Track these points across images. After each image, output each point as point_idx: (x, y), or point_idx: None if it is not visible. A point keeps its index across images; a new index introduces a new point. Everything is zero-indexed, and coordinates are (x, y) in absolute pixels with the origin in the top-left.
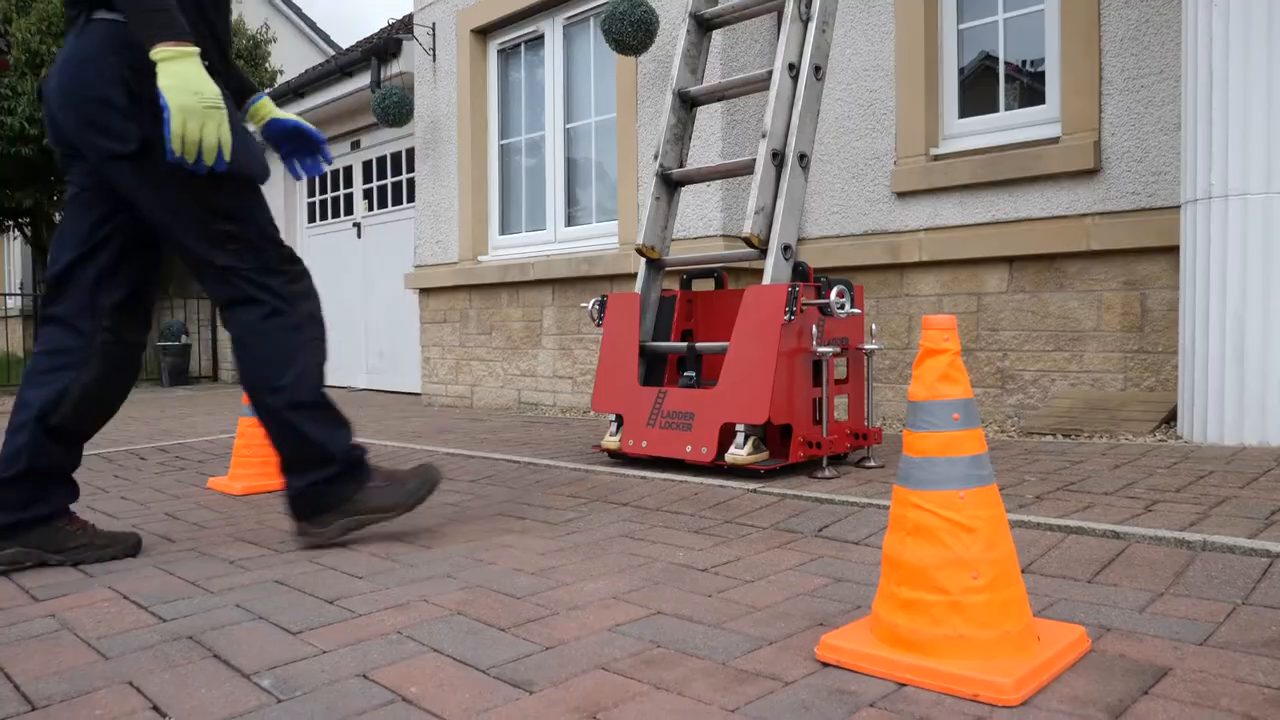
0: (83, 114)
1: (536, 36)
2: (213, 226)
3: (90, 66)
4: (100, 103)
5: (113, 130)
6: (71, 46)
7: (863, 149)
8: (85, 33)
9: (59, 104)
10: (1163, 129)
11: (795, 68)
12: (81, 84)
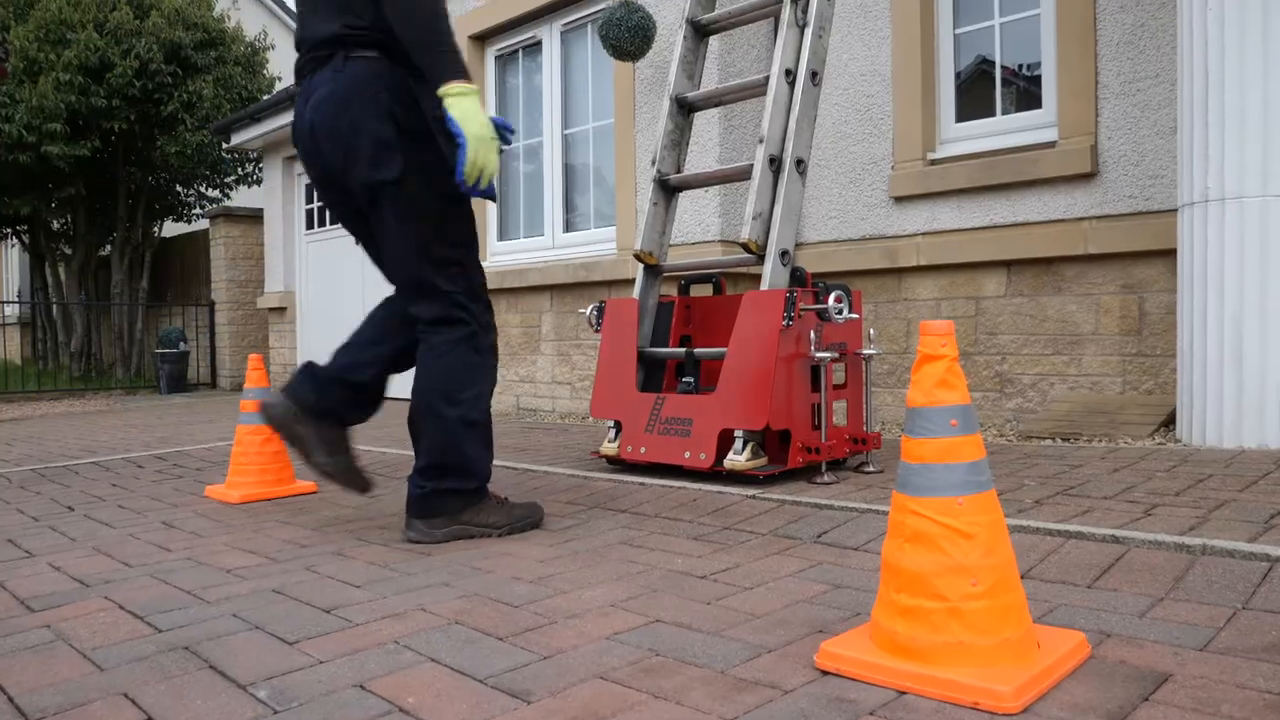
0: (351, 146)
1: (534, 42)
2: (442, 253)
3: (357, 103)
4: (367, 136)
5: (378, 160)
6: (332, 83)
7: (860, 154)
8: (346, 70)
9: (324, 137)
10: (1159, 132)
11: (792, 73)
12: (350, 119)
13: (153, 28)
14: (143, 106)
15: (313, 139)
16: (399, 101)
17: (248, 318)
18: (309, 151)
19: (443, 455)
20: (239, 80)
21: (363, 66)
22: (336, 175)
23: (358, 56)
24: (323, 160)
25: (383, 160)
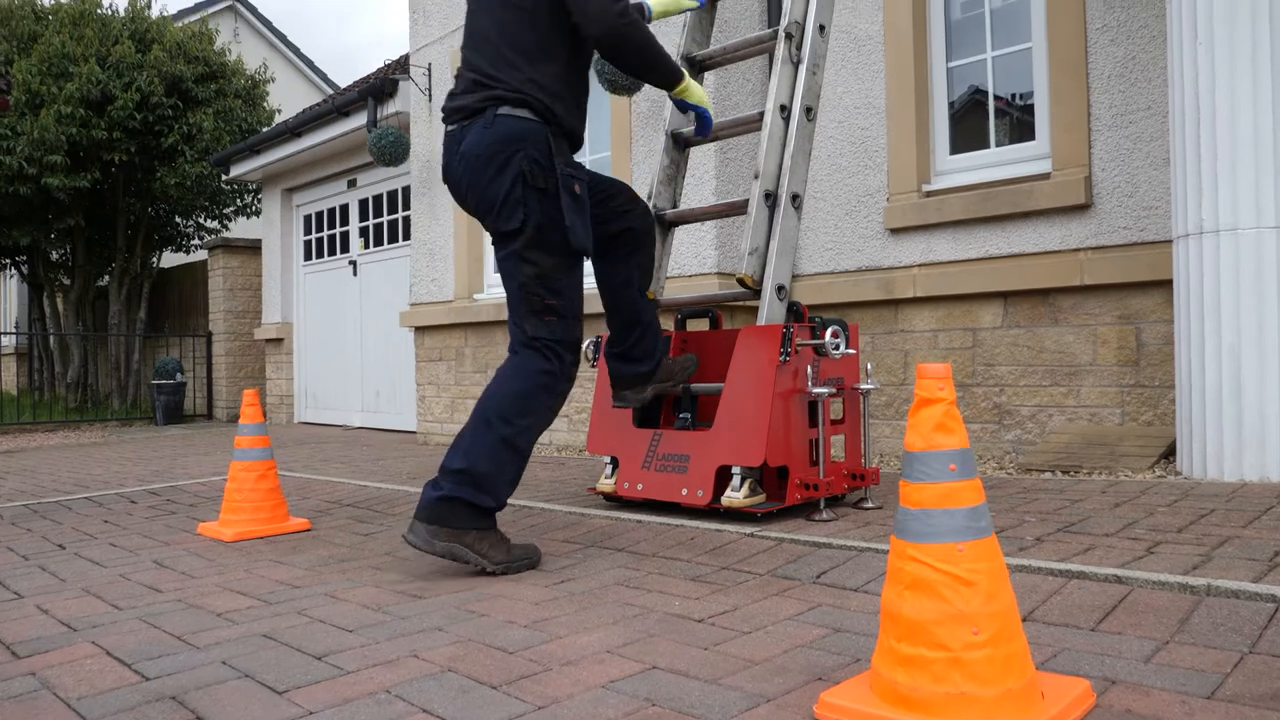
0: (484, 197)
1: None
2: (542, 300)
3: (497, 160)
4: (499, 190)
5: (503, 213)
6: (479, 136)
7: (855, 186)
8: (494, 126)
9: (467, 186)
10: (1152, 164)
11: (787, 109)
12: (489, 175)
13: (154, 61)
14: (143, 138)
15: (458, 185)
16: (534, 161)
17: (245, 348)
18: (457, 193)
19: (474, 463)
20: (239, 112)
21: (510, 125)
22: (478, 215)
23: (506, 115)
24: (467, 204)
25: (506, 213)
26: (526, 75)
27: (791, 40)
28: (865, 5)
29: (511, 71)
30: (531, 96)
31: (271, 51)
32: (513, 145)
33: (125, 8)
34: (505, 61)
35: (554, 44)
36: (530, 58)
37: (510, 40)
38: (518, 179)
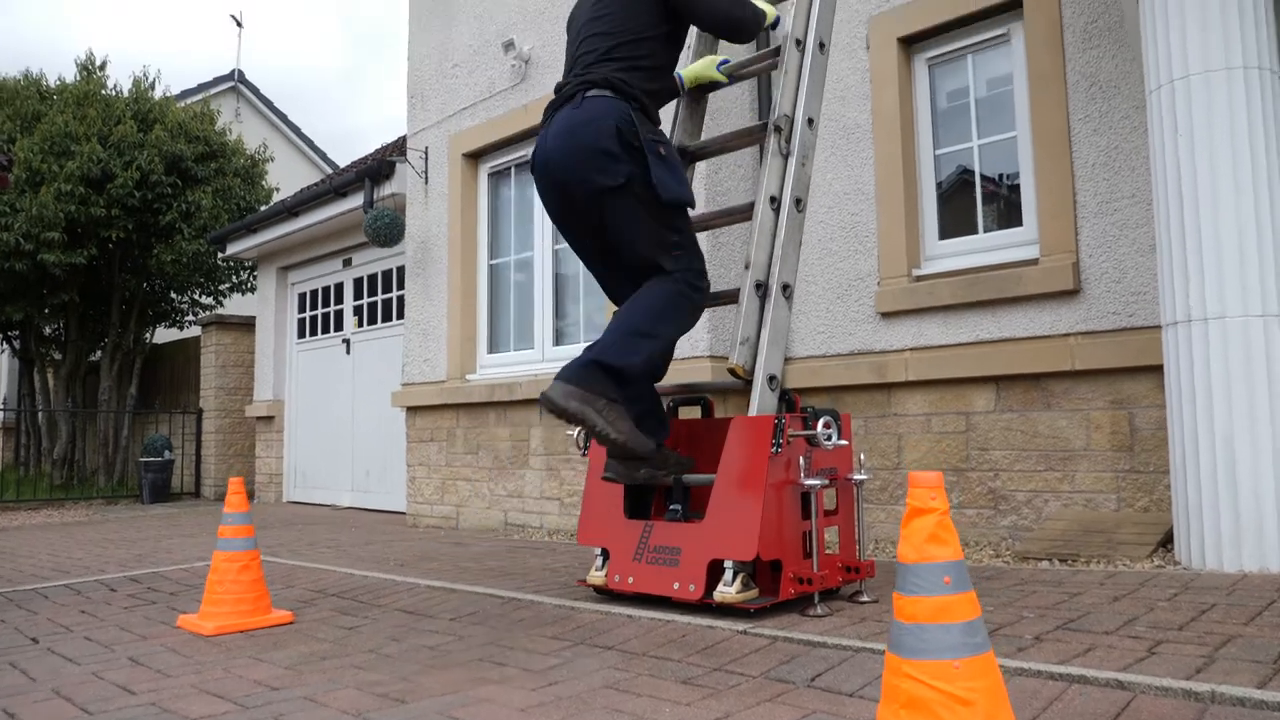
0: (585, 160)
1: (527, 161)
2: (666, 238)
3: (592, 127)
4: (600, 152)
5: (607, 170)
6: (571, 115)
7: (846, 270)
8: (583, 106)
9: (559, 156)
10: (1139, 250)
11: (777, 200)
12: (586, 139)
13: (155, 140)
14: (141, 216)
15: (551, 164)
16: (624, 126)
17: (235, 425)
18: (547, 175)
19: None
20: (238, 191)
21: (594, 103)
22: (572, 191)
23: (593, 95)
24: (559, 180)
25: (608, 169)
26: (612, 63)
27: (781, 133)
28: (854, 95)
29: (595, 66)
30: (611, 81)
31: (272, 131)
32: (601, 115)
33: (129, 89)
34: (594, 60)
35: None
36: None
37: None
38: (613, 138)
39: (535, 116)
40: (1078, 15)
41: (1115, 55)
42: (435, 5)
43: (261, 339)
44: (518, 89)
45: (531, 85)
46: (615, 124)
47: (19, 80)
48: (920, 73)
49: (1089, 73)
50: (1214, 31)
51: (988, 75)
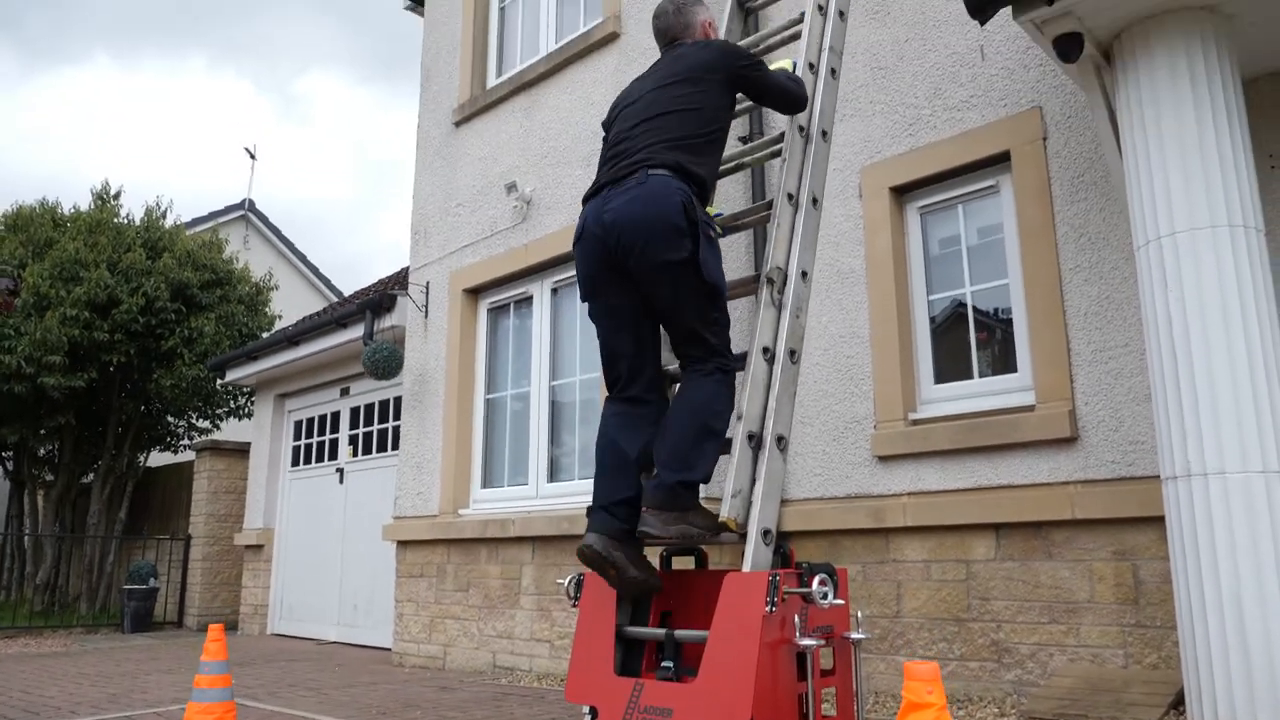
0: (653, 232)
1: (525, 298)
2: (708, 314)
3: (663, 202)
4: (670, 226)
5: (673, 244)
6: (635, 190)
7: (842, 412)
8: (649, 182)
9: (626, 225)
10: (1135, 399)
11: (770, 351)
12: (657, 211)
13: (163, 268)
14: (143, 340)
15: (612, 229)
16: (688, 204)
17: (223, 554)
18: (605, 243)
19: (686, 447)
20: (240, 317)
21: (661, 180)
22: (630, 259)
23: (656, 174)
24: (618, 246)
25: (676, 244)
26: (672, 148)
27: (774, 285)
28: (848, 240)
29: (655, 149)
30: (670, 162)
31: (279, 258)
32: (670, 192)
33: (141, 217)
34: (653, 143)
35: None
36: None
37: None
38: (682, 214)
39: (535, 255)
40: (1064, 169)
41: (1103, 208)
42: (441, 148)
43: (255, 466)
44: (518, 228)
45: (532, 225)
46: (682, 201)
47: (35, 208)
48: (912, 220)
49: (1078, 224)
50: (1197, 190)
51: (979, 224)
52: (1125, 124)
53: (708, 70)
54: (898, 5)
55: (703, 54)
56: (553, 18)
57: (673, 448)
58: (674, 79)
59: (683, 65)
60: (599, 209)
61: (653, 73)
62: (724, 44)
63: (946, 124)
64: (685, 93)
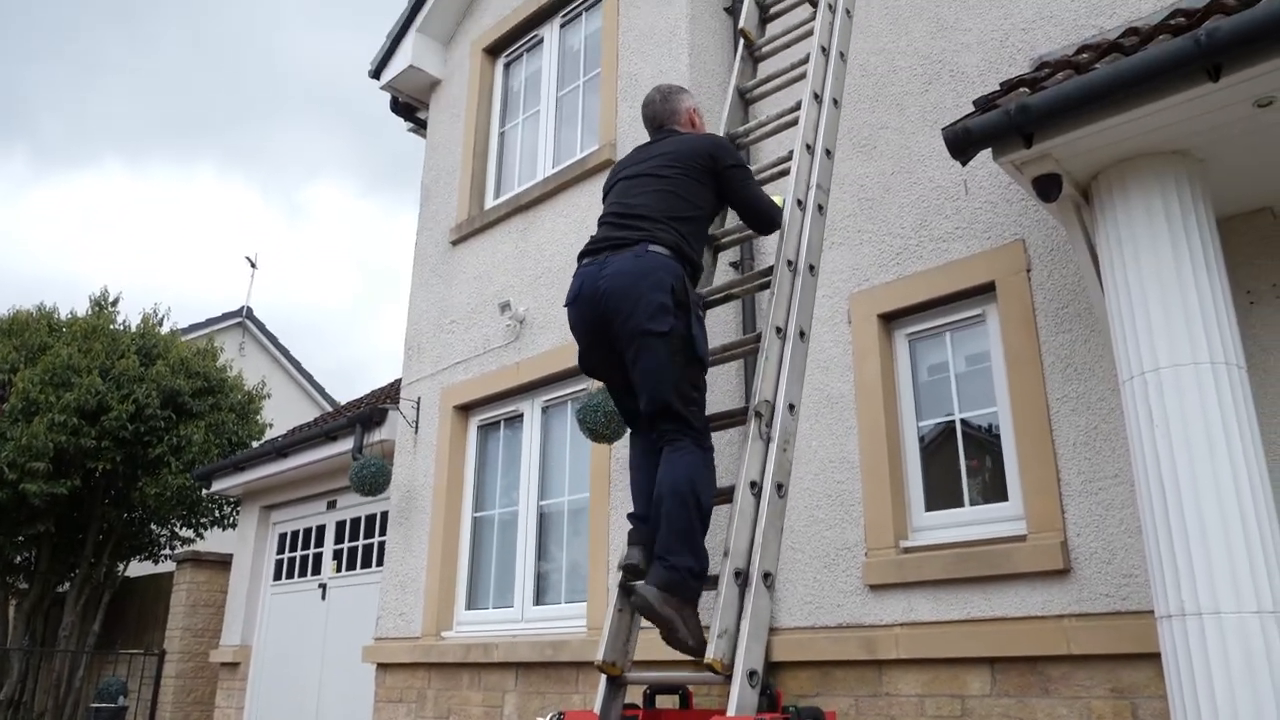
0: (638, 304)
1: (516, 415)
2: (686, 390)
3: (654, 278)
4: (656, 303)
5: (656, 318)
6: (631, 263)
7: (833, 539)
8: (646, 257)
9: (617, 295)
10: (1127, 531)
11: (758, 485)
12: (644, 286)
13: (155, 375)
14: (131, 448)
15: (604, 296)
16: (677, 285)
17: (198, 670)
18: (594, 306)
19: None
20: (231, 426)
21: (656, 257)
22: (614, 324)
23: (654, 251)
24: (606, 312)
25: (659, 318)
26: (672, 228)
27: (761, 419)
28: (837, 365)
29: (659, 225)
30: (670, 241)
31: (273, 365)
32: (661, 269)
33: (138, 324)
34: (655, 218)
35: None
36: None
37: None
38: (668, 293)
39: (526, 374)
40: (1049, 300)
41: (1088, 339)
42: (438, 265)
43: (236, 579)
44: (511, 347)
45: (524, 344)
46: (673, 282)
47: (31, 313)
48: (901, 347)
49: (1064, 355)
50: (1178, 327)
51: (966, 352)
52: (1105, 261)
53: (699, 158)
54: (884, 141)
55: (697, 143)
56: (551, 143)
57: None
58: (673, 162)
59: (678, 152)
60: (596, 274)
61: (647, 151)
62: (717, 139)
63: (933, 254)
64: (679, 175)
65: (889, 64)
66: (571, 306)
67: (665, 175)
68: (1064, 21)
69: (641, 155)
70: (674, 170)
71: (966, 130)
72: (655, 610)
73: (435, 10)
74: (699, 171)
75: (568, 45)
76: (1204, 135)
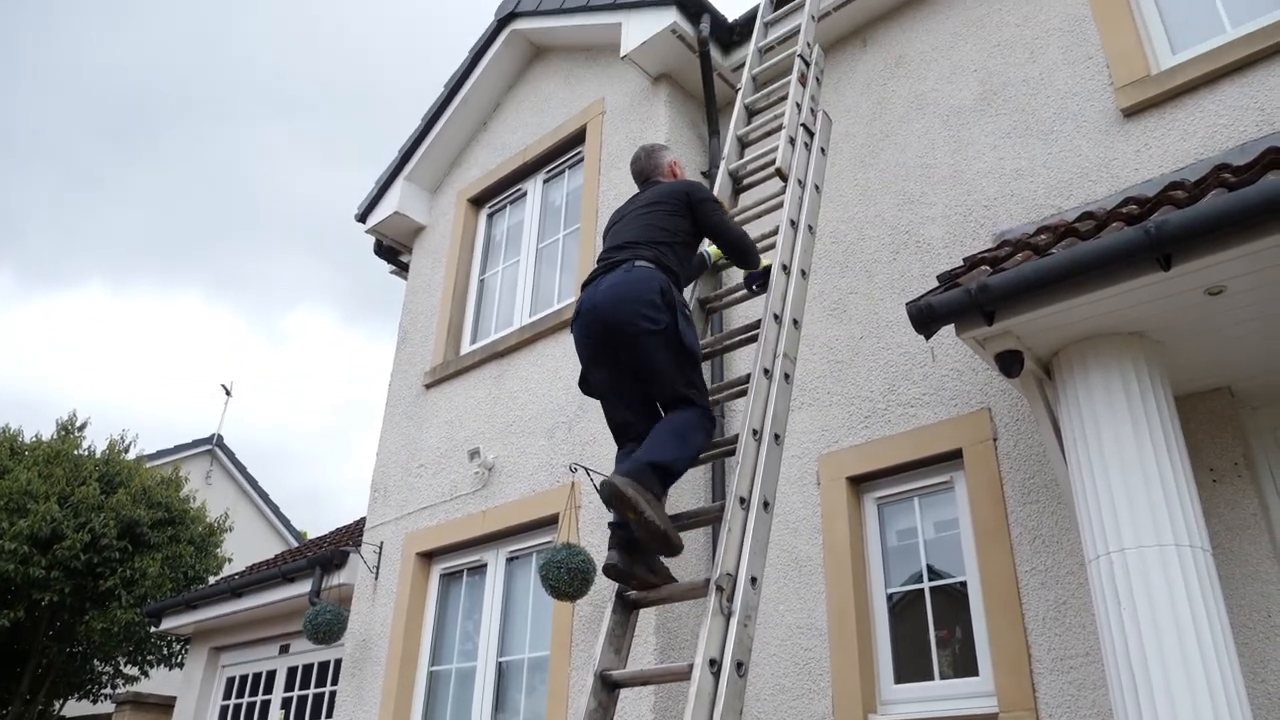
0: (636, 307)
1: (480, 566)
2: (688, 376)
3: (642, 285)
4: (648, 302)
5: (650, 317)
6: (623, 276)
7: (801, 710)
8: (634, 270)
9: (614, 301)
10: (1099, 714)
11: (717, 664)
12: (638, 291)
13: (116, 504)
14: (81, 579)
15: (602, 307)
16: (664, 287)
17: None
18: (595, 317)
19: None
20: (188, 559)
21: (642, 270)
22: (614, 329)
23: (640, 265)
24: (606, 320)
25: (650, 317)
26: (653, 247)
27: (723, 592)
28: (805, 528)
29: (641, 247)
30: (653, 257)
31: (240, 495)
32: (649, 279)
33: (103, 449)
34: (642, 241)
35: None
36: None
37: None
38: (658, 294)
39: (492, 523)
40: (1015, 470)
41: (1054, 511)
42: (410, 408)
43: None
44: (478, 494)
45: (492, 493)
46: (659, 286)
47: None
48: (870, 511)
49: (1031, 526)
50: (1142, 509)
51: (935, 518)
52: (1068, 439)
53: (676, 197)
54: (853, 305)
55: (675, 186)
56: (529, 292)
57: (652, 443)
58: (654, 202)
59: (658, 194)
60: (594, 291)
61: (635, 201)
62: (691, 181)
63: (901, 419)
64: (662, 212)
65: (858, 232)
66: (575, 323)
67: (648, 213)
68: (1024, 199)
69: (630, 204)
70: (655, 208)
71: (930, 306)
72: (619, 490)
73: (424, 160)
74: (676, 206)
75: (550, 200)
76: (1159, 319)
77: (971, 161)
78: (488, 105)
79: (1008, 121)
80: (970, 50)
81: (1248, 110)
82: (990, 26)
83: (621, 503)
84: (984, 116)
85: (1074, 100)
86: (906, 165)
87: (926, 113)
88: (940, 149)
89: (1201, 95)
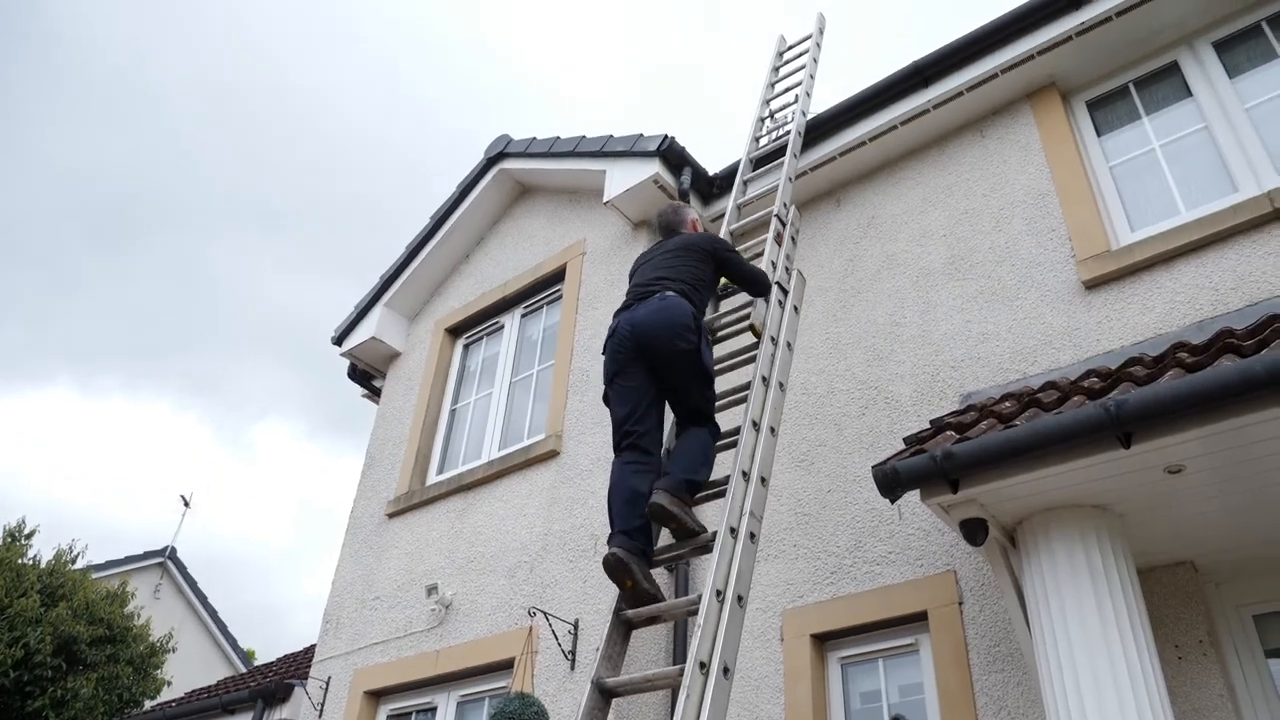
0: (671, 329)
1: (429, 708)
2: (707, 393)
3: (677, 310)
4: (683, 325)
5: (684, 338)
6: (657, 304)
7: None
8: (668, 299)
9: (651, 324)
10: None
11: None
12: (676, 316)
13: (55, 618)
14: (8, 698)
15: (642, 328)
16: (695, 315)
17: None
18: (634, 336)
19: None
20: (125, 681)
21: (675, 299)
22: (651, 345)
23: (671, 295)
24: (643, 337)
25: (686, 338)
26: (681, 283)
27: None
28: (768, 685)
29: (671, 282)
30: (682, 289)
31: (188, 612)
32: (681, 305)
33: (49, 559)
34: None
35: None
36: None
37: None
38: (690, 319)
39: (446, 664)
40: (980, 636)
41: (1020, 682)
42: (370, 536)
43: None
44: (433, 632)
45: (447, 631)
46: (691, 313)
47: None
48: (834, 671)
49: (996, 696)
50: (1107, 690)
51: (900, 682)
52: (1032, 611)
53: (701, 248)
54: (821, 458)
55: (699, 239)
56: (499, 426)
57: (684, 463)
58: (683, 248)
59: (687, 242)
60: (631, 316)
61: (661, 246)
62: (714, 236)
63: (866, 577)
64: (687, 258)
65: (828, 385)
66: (610, 340)
67: (676, 257)
68: (990, 363)
69: (656, 249)
70: (681, 255)
71: (895, 471)
72: (667, 510)
73: (405, 288)
74: (700, 255)
75: (526, 334)
76: (1121, 493)
77: (939, 323)
78: (472, 238)
79: (974, 286)
80: (939, 216)
81: (1202, 289)
82: (959, 195)
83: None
84: (952, 280)
85: (1038, 270)
86: (877, 322)
87: (897, 273)
88: (910, 308)
89: (1159, 272)
